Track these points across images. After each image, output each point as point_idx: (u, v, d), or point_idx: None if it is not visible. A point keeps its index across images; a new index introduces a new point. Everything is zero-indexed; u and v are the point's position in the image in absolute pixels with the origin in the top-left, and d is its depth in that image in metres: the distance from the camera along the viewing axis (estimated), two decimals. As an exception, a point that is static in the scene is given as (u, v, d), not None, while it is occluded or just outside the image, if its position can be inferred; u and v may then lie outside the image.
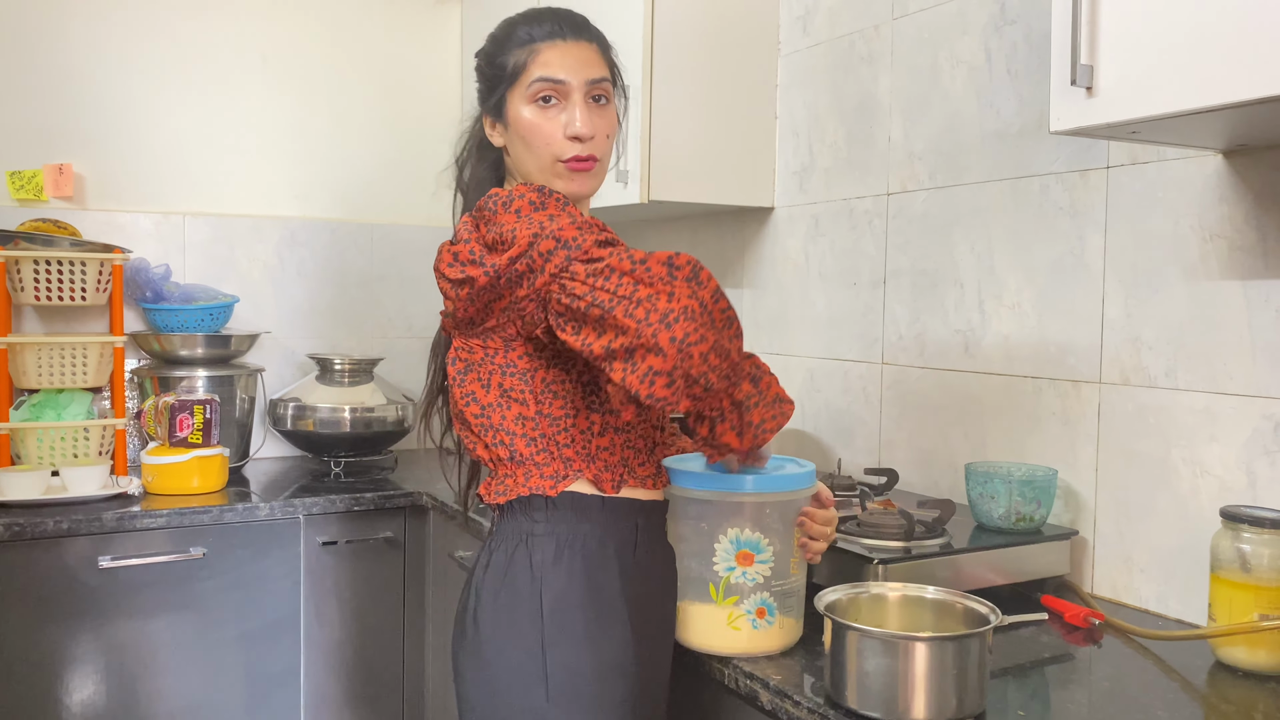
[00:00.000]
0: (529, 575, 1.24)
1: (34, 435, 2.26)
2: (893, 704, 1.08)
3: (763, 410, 1.16)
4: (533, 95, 1.30)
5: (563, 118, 1.30)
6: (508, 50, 1.32)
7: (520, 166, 1.34)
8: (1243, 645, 1.27)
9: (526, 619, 1.23)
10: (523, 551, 1.25)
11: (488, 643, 1.24)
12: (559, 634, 1.22)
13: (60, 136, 2.54)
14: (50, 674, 2.02)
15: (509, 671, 1.22)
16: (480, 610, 1.26)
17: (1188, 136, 1.32)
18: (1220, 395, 1.43)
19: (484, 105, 1.37)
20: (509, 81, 1.31)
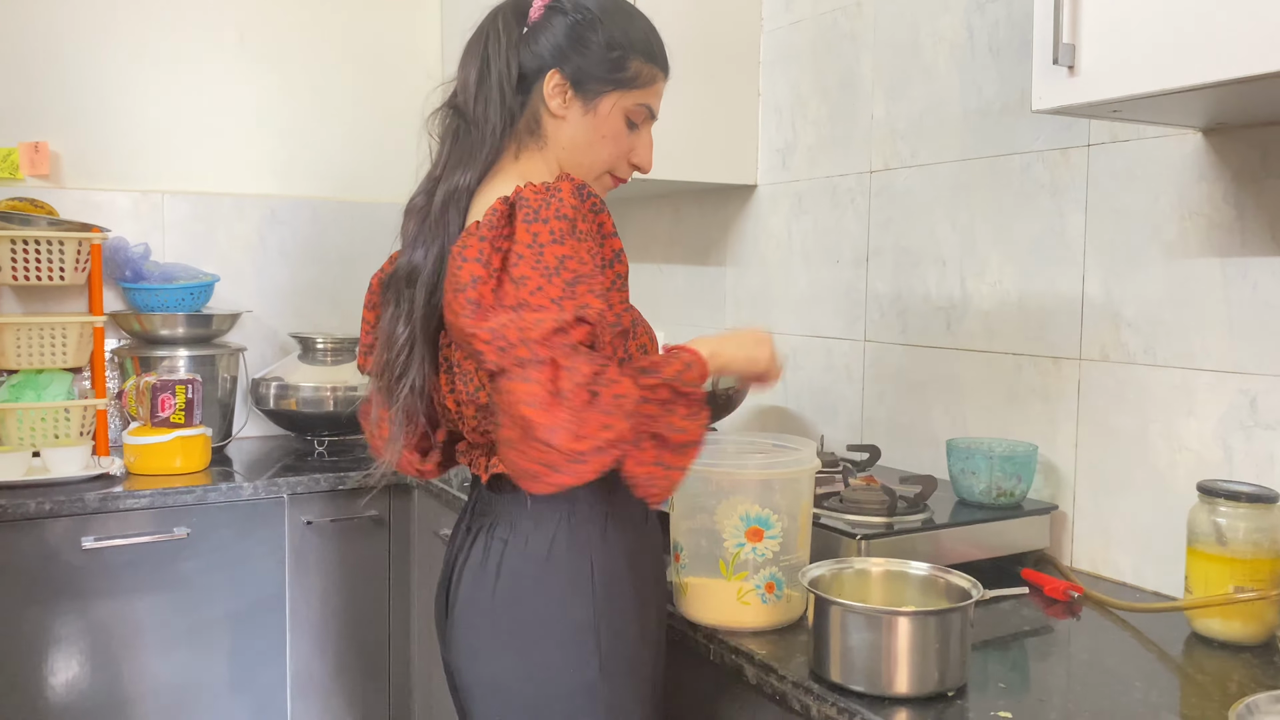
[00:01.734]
0: (574, 552, 1.24)
1: (14, 416, 2.25)
2: (876, 678, 1.10)
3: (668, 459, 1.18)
4: (632, 113, 1.33)
5: (634, 141, 1.35)
6: (637, 55, 1.32)
7: (573, 150, 1.31)
8: (1218, 617, 1.29)
9: (576, 596, 1.23)
10: (565, 529, 1.24)
11: (531, 624, 1.23)
12: (609, 607, 1.23)
13: (35, 114, 2.51)
14: (34, 655, 2.01)
15: (558, 649, 1.22)
16: (519, 592, 1.24)
17: (1168, 115, 1.33)
18: (1197, 371, 1.45)
19: (569, 69, 1.29)
20: (622, 84, 1.31)
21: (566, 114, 1.30)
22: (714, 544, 1.28)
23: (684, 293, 2.56)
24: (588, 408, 1.10)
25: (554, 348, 1.10)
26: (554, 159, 1.32)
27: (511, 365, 1.10)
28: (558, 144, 1.31)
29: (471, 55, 1.32)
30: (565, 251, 1.15)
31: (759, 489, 1.26)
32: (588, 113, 1.30)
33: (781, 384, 2.22)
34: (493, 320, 1.11)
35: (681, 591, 1.35)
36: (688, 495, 1.31)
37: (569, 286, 1.14)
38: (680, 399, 1.18)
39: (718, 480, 1.28)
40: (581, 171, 1.32)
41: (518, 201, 1.17)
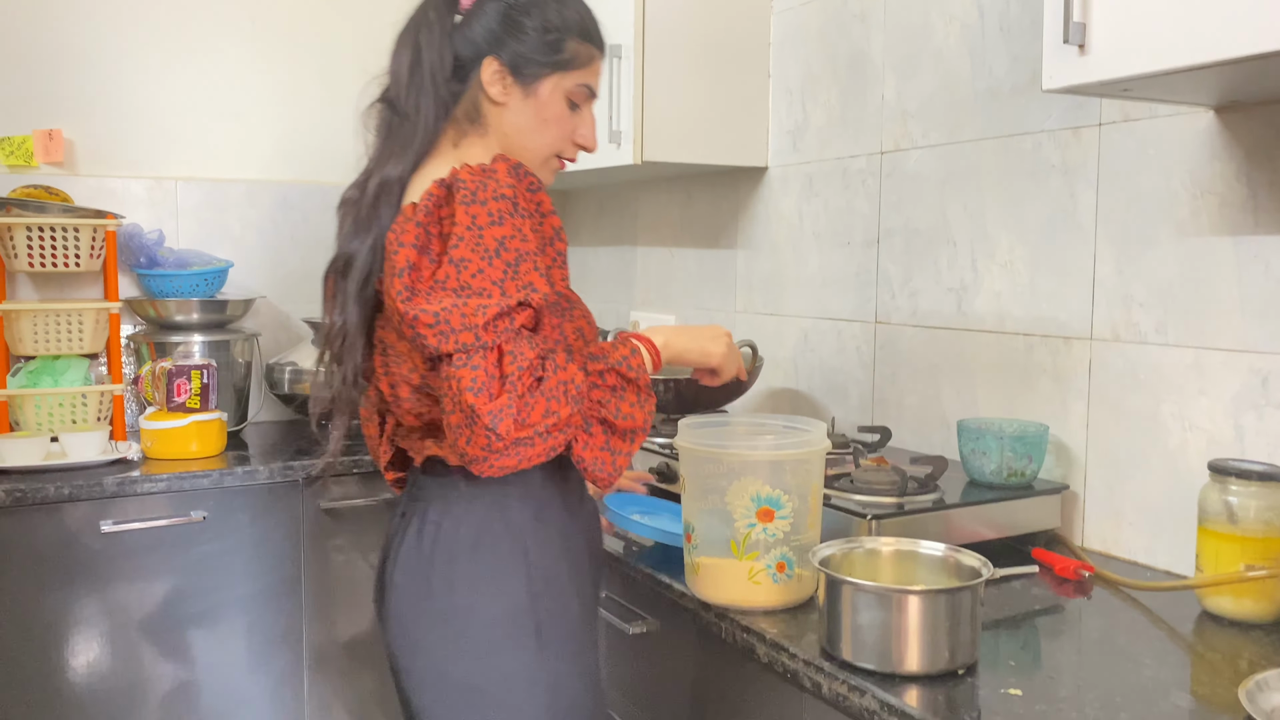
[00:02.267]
0: (508, 534, 1.26)
1: (32, 402, 2.27)
2: (886, 656, 1.11)
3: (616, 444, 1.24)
4: (573, 94, 1.34)
5: (577, 122, 1.36)
6: (573, 35, 1.32)
7: (516, 136, 1.32)
8: (1229, 595, 1.29)
9: (511, 578, 1.25)
10: (497, 512, 1.26)
11: (466, 608, 1.25)
12: (545, 586, 1.26)
13: (49, 102, 2.52)
14: (53, 638, 2.04)
15: (496, 630, 1.24)
16: (453, 576, 1.26)
17: (1180, 93, 1.33)
18: (1209, 350, 1.45)
19: (505, 55, 1.29)
20: (561, 66, 1.31)
21: (507, 100, 1.31)
22: (725, 524, 1.29)
23: (695, 275, 2.56)
24: (532, 393, 1.14)
25: (498, 333, 1.13)
26: (496, 145, 1.32)
27: (455, 350, 1.13)
28: (500, 130, 1.32)
29: (403, 45, 1.32)
30: (506, 232, 1.16)
31: (770, 470, 1.27)
32: (528, 97, 1.31)
33: (793, 367, 2.22)
34: (434, 304, 1.13)
35: (693, 571, 1.36)
36: (699, 476, 1.32)
37: (510, 267, 1.16)
38: (628, 385, 1.22)
39: (729, 461, 1.28)
40: (527, 156, 1.33)
41: (454, 184, 1.18)
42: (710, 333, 1.38)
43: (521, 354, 1.14)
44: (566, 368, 1.17)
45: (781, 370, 2.27)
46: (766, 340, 2.29)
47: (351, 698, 2.34)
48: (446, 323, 1.12)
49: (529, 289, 1.16)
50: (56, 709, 2.04)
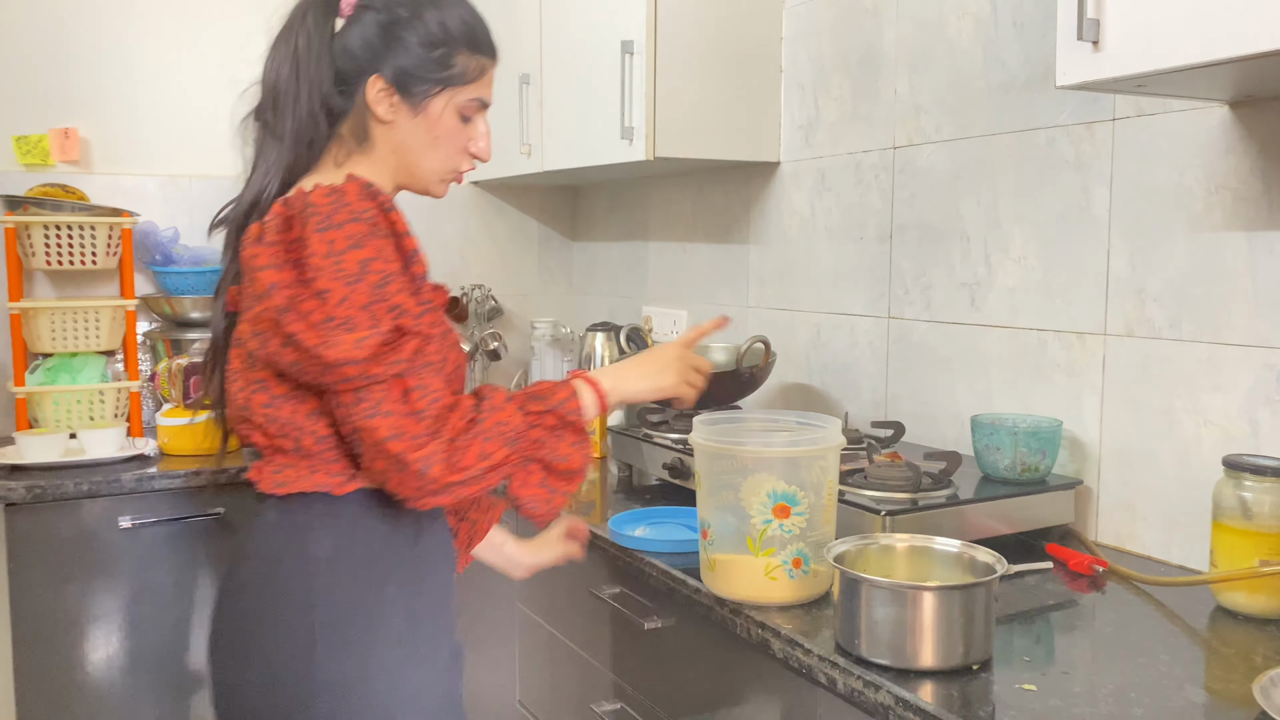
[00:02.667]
0: (302, 572, 1.18)
1: (50, 399, 2.29)
2: (901, 652, 1.11)
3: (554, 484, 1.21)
4: (465, 109, 1.28)
5: (470, 134, 1.31)
6: (461, 48, 1.26)
7: (407, 154, 1.27)
8: (1243, 590, 1.29)
9: (297, 618, 1.17)
10: (296, 547, 1.19)
11: (250, 641, 1.19)
12: (332, 634, 1.17)
13: (65, 100, 2.54)
14: (72, 633, 2.06)
15: (274, 671, 1.17)
16: (243, 605, 1.21)
17: (1194, 89, 1.33)
18: (1224, 345, 1.45)
19: (393, 75, 1.23)
20: (450, 82, 1.26)
21: (395, 119, 1.25)
22: (741, 521, 1.30)
23: (707, 271, 2.57)
24: (464, 435, 1.11)
25: (389, 364, 1.09)
26: (384, 164, 1.27)
27: (342, 385, 1.10)
28: (388, 148, 1.26)
29: (277, 54, 1.25)
30: (367, 254, 1.11)
31: (785, 466, 1.28)
32: (417, 115, 1.25)
33: (806, 362, 2.23)
34: (318, 335, 1.08)
35: (709, 568, 1.37)
36: (714, 473, 1.33)
37: (376, 289, 1.10)
38: (567, 427, 1.20)
39: (743, 458, 1.29)
40: (420, 173, 1.29)
41: (307, 208, 1.12)
42: (659, 365, 1.33)
43: (427, 387, 1.12)
44: (504, 408, 1.16)
45: (794, 365, 2.27)
46: (779, 335, 2.30)
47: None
48: (321, 357, 1.08)
49: (400, 311, 1.11)
50: (76, 702, 2.07)
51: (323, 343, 1.08)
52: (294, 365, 1.12)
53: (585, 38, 2.32)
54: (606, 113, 2.23)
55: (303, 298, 1.10)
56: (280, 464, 1.20)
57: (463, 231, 3.06)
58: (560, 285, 3.23)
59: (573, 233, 3.23)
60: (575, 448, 1.21)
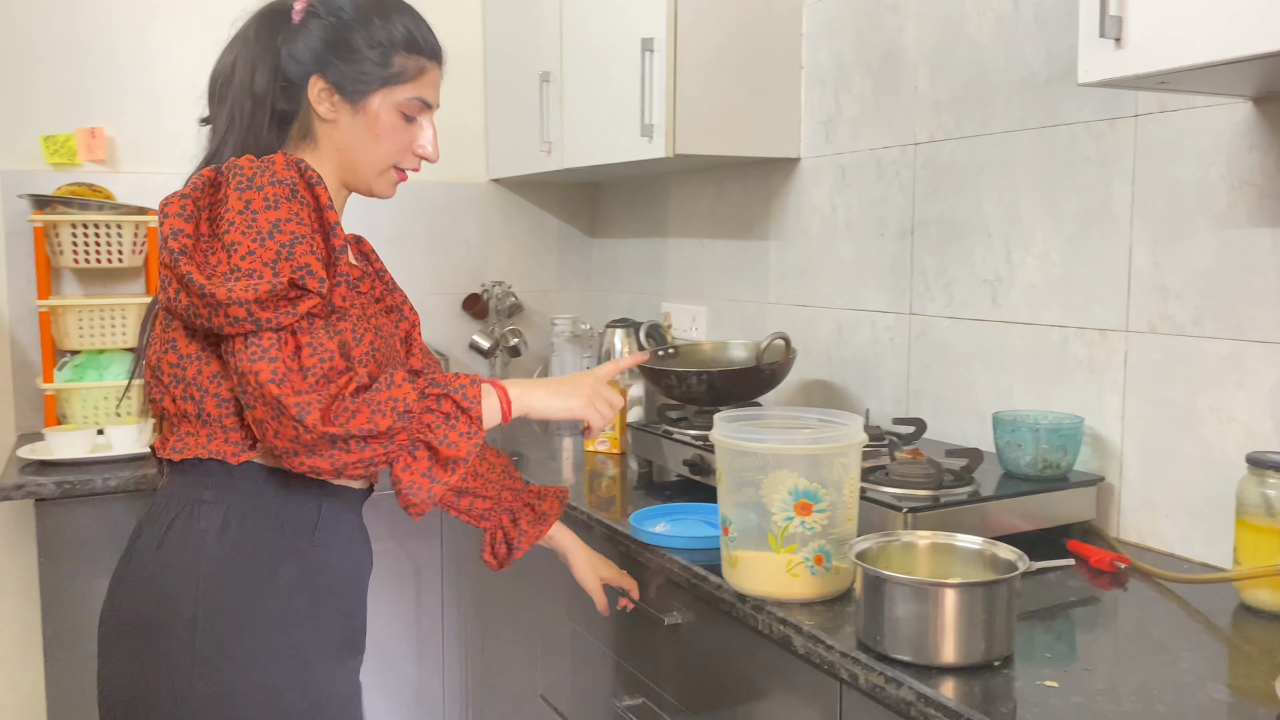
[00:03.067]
0: (189, 544, 1.20)
1: (78, 395, 2.32)
2: (923, 648, 1.12)
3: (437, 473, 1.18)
4: (404, 107, 1.34)
5: (416, 134, 1.36)
6: (398, 50, 1.32)
7: (348, 151, 1.33)
8: (1267, 588, 1.29)
9: (181, 592, 1.18)
10: (185, 517, 1.21)
11: (132, 614, 1.21)
12: (214, 612, 1.18)
13: (92, 100, 2.57)
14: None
15: (156, 643, 1.18)
16: (129, 576, 1.22)
17: (1217, 85, 1.32)
18: (1247, 343, 1.44)
19: (331, 73, 1.30)
20: (389, 81, 1.32)
21: (336, 117, 1.32)
22: (763, 518, 1.31)
23: (726, 267, 2.57)
24: (352, 399, 1.12)
25: (278, 314, 1.11)
26: (329, 160, 1.33)
27: (235, 332, 1.11)
28: (332, 145, 1.33)
29: (225, 62, 1.33)
30: (281, 215, 1.15)
31: (807, 463, 1.28)
32: (357, 113, 1.32)
33: (827, 358, 2.23)
34: (212, 281, 1.11)
35: (731, 564, 1.37)
36: (735, 469, 1.33)
37: (285, 249, 1.13)
38: (462, 415, 1.18)
39: (764, 455, 1.30)
40: (362, 170, 1.34)
41: (229, 169, 1.18)
42: (569, 388, 1.33)
43: (321, 346, 1.12)
44: (401, 385, 1.15)
45: (815, 362, 2.27)
46: (799, 331, 2.30)
47: (390, 681, 2.38)
48: (212, 296, 1.10)
49: (305, 270, 1.13)
50: (105, 695, 2.09)
51: (214, 284, 1.10)
52: (189, 309, 1.13)
53: (605, 35, 2.33)
54: (626, 110, 2.24)
55: (213, 250, 1.14)
56: (183, 431, 1.23)
57: (483, 228, 3.07)
58: (580, 281, 3.24)
59: (592, 229, 3.24)
60: (464, 437, 1.18)
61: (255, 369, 1.10)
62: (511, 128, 2.83)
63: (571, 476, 2.07)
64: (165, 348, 1.22)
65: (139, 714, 1.19)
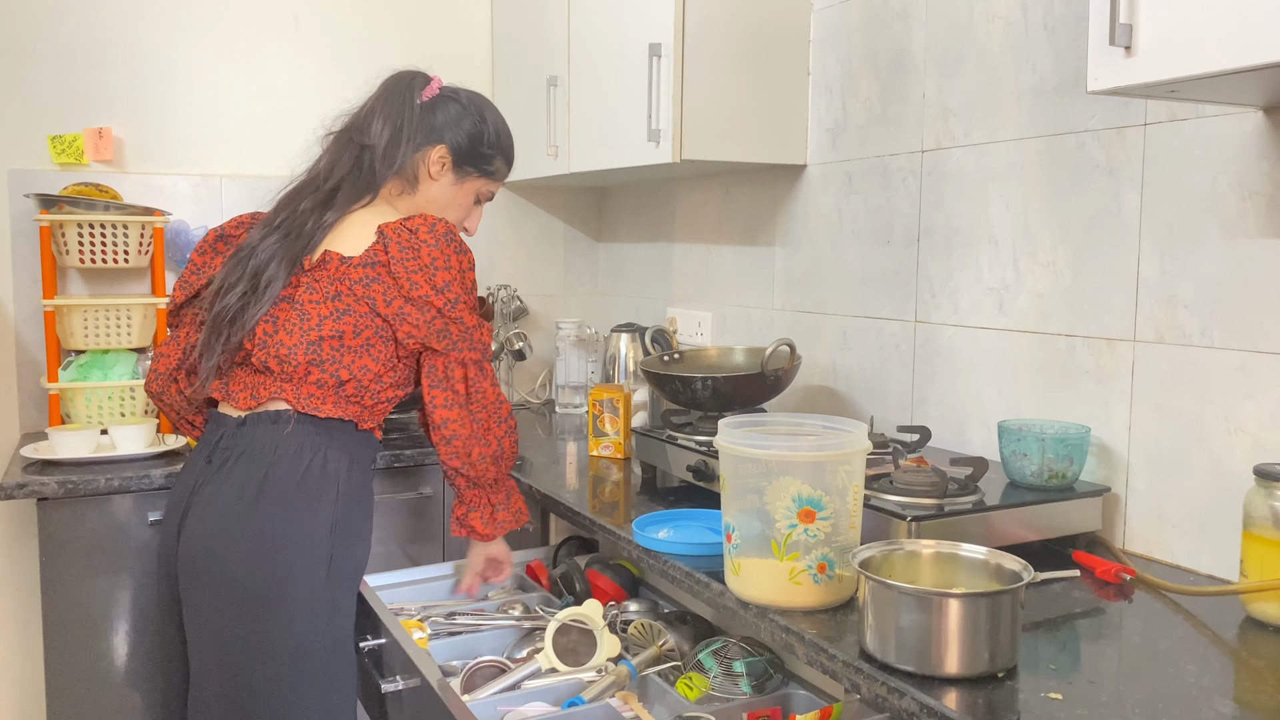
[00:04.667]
0: (324, 480, 1.60)
1: (82, 395, 2.32)
2: (926, 658, 1.11)
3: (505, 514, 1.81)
4: (482, 193, 1.85)
5: (472, 212, 1.87)
6: (497, 155, 1.83)
7: (431, 205, 1.79)
8: (1274, 601, 1.28)
9: (320, 514, 1.58)
10: (320, 458, 1.61)
11: (279, 535, 1.54)
12: (345, 528, 1.60)
13: (99, 100, 2.57)
14: (101, 626, 2.09)
15: (299, 556, 1.55)
16: (273, 508, 1.55)
17: (1227, 94, 1.31)
18: (1256, 353, 1.43)
19: (454, 151, 1.77)
20: (486, 174, 1.82)
21: (440, 179, 1.78)
22: (766, 525, 1.30)
23: (733, 273, 2.57)
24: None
25: (487, 350, 1.71)
26: (416, 206, 1.78)
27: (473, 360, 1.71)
28: (425, 196, 1.78)
29: (385, 113, 1.74)
30: (473, 278, 1.72)
31: (811, 470, 1.28)
32: (455, 185, 1.80)
33: (831, 364, 2.22)
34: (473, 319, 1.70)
35: (734, 572, 1.37)
36: (738, 476, 1.33)
37: (475, 310, 1.72)
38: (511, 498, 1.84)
39: (768, 462, 1.29)
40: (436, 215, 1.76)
41: (448, 233, 1.66)
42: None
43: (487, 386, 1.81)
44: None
45: (819, 369, 2.27)
46: (804, 338, 2.29)
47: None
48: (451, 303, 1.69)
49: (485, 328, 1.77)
50: (104, 694, 2.09)
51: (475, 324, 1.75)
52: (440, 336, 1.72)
53: (613, 40, 2.33)
54: (633, 115, 2.23)
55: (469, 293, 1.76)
56: (318, 393, 1.64)
57: (490, 232, 3.07)
58: (586, 286, 3.24)
59: (599, 233, 3.24)
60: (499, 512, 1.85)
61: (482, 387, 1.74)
62: (518, 131, 2.83)
63: (575, 481, 2.07)
64: (335, 333, 1.62)
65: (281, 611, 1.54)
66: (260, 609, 1.53)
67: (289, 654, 1.54)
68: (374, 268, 1.63)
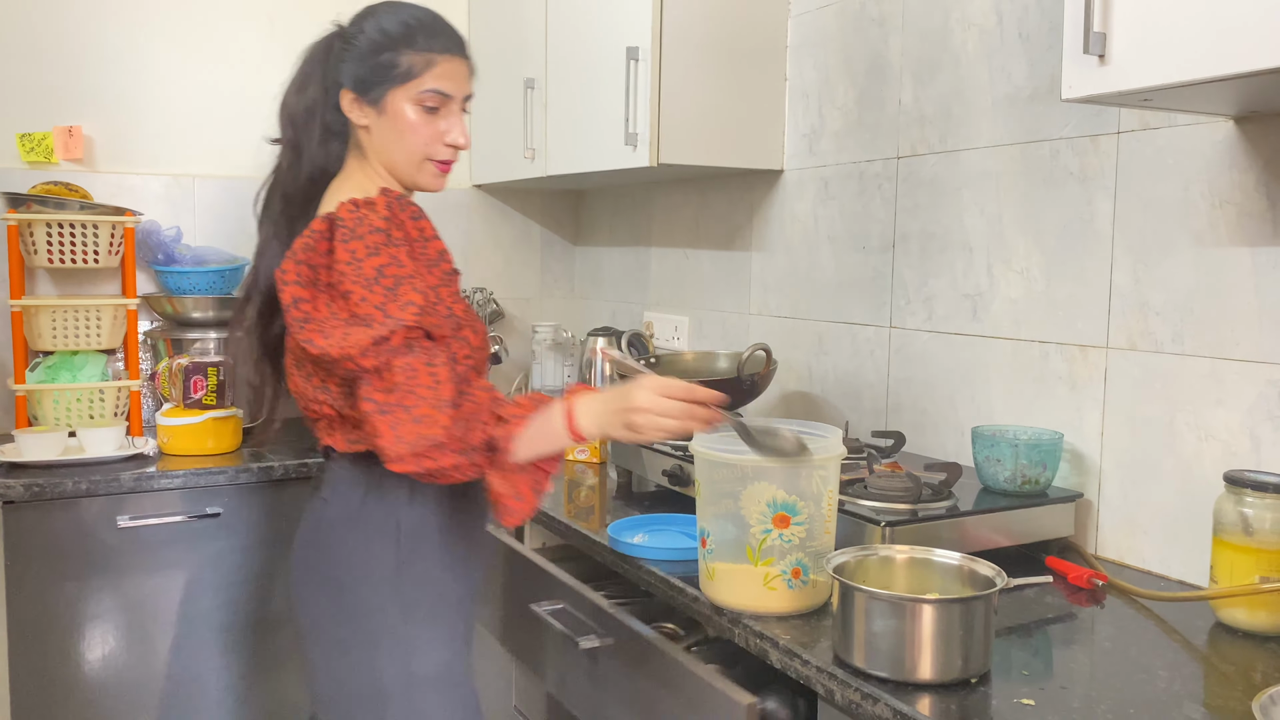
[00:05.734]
0: (382, 509, 1.43)
1: (50, 397, 2.29)
2: (899, 664, 1.11)
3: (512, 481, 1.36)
4: (420, 101, 1.42)
5: (442, 125, 1.45)
6: (401, 51, 1.41)
7: (384, 153, 1.45)
8: (1243, 607, 1.29)
9: (381, 547, 1.42)
10: (376, 493, 1.43)
11: (341, 571, 1.43)
12: (413, 558, 1.43)
13: (69, 98, 2.54)
14: (70, 631, 2.06)
15: (366, 593, 1.42)
16: (332, 541, 1.44)
17: (1199, 103, 1.33)
18: (1226, 361, 1.45)
19: (353, 84, 1.43)
20: (398, 80, 1.41)
21: (367, 122, 1.44)
22: (741, 530, 1.30)
23: (710, 278, 2.57)
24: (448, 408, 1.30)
25: (379, 356, 1.28)
26: (376, 165, 1.46)
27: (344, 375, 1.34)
28: (372, 150, 1.46)
29: (298, 84, 1.49)
30: (382, 261, 1.31)
31: (785, 475, 1.27)
32: (381, 115, 1.43)
33: (808, 371, 2.23)
34: (323, 338, 1.30)
35: (709, 576, 1.36)
36: (713, 481, 1.32)
37: (390, 291, 1.30)
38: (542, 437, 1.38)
39: (743, 466, 1.29)
40: (398, 168, 1.45)
41: (335, 222, 1.34)
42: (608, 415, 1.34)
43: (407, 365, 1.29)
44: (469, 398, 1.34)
45: (795, 374, 2.27)
46: (781, 343, 2.30)
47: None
48: (328, 354, 1.30)
49: (409, 306, 1.30)
50: (72, 701, 2.06)
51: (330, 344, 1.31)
52: (317, 362, 1.36)
53: (590, 43, 2.33)
54: (611, 118, 2.23)
55: (333, 299, 1.32)
56: (350, 428, 1.43)
57: (465, 234, 3.06)
58: (562, 289, 3.23)
59: (575, 237, 3.23)
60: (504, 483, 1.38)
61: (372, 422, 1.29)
62: (495, 133, 2.82)
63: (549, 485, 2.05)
64: (313, 382, 1.43)
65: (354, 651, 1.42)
66: (330, 650, 1.44)
67: (367, 695, 1.43)
68: None
